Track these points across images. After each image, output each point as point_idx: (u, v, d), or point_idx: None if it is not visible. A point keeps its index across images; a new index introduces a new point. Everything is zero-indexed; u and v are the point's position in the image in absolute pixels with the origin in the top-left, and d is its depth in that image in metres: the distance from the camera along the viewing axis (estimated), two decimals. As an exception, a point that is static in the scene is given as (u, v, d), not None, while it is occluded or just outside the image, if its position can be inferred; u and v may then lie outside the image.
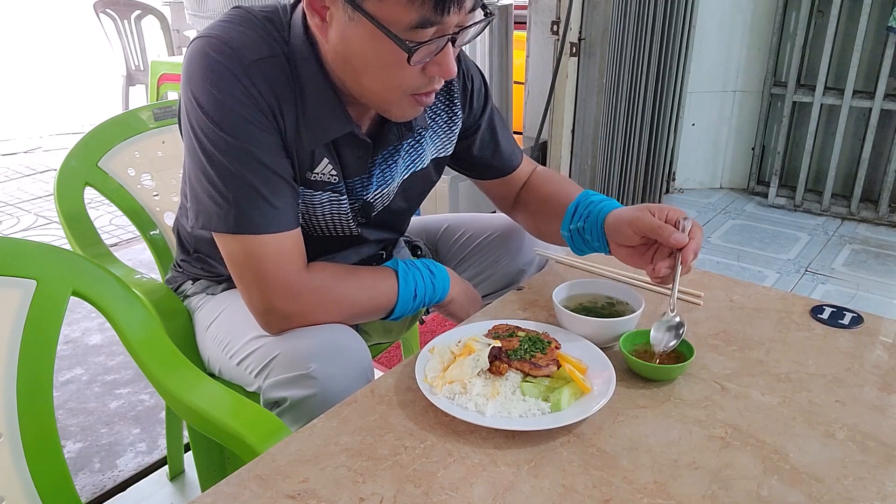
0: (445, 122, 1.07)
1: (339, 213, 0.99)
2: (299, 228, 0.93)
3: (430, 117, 1.05)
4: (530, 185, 1.18)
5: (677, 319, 0.87)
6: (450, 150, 1.11)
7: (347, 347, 0.91)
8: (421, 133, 1.03)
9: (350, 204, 1.00)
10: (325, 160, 0.94)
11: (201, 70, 0.85)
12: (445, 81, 1.04)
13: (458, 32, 0.82)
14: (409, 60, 0.80)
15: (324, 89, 0.89)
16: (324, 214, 0.98)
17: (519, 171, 1.18)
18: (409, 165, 1.05)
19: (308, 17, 0.85)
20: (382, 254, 1.16)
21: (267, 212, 0.87)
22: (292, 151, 0.91)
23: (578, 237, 1.02)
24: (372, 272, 0.99)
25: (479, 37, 0.95)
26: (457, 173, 1.23)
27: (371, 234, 1.07)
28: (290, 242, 0.90)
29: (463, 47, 0.89)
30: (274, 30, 0.89)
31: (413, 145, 1.03)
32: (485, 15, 0.85)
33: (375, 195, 1.02)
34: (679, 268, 0.88)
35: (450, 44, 0.82)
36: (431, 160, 1.08)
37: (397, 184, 1.04)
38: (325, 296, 0.93)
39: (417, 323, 1.37)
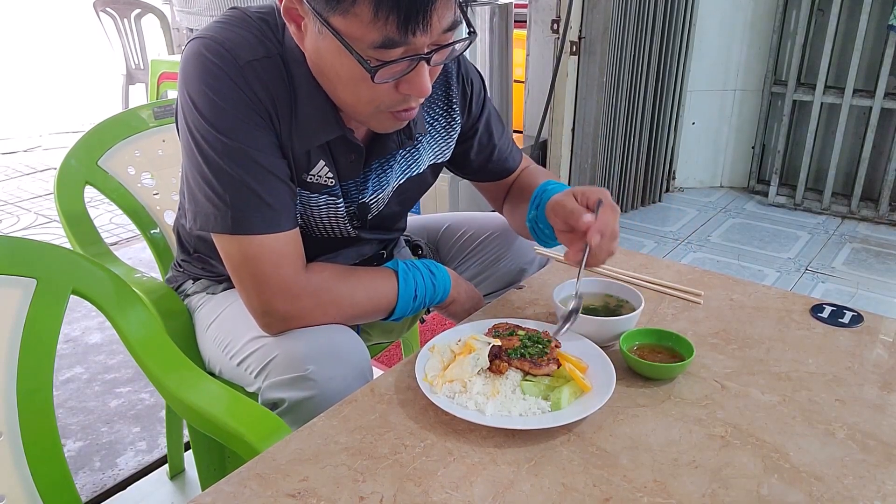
0: (444, 127, 1.06)
1: (335, 216, 0.99)
2: (297, 229, 0.92)
3: (428, 123, 1.04)
4: (516, 181, 1.17)
5: (572, 305, 0.88)
6: (447, 155, 1.10)
7: (346, 349, 0.91)
8: (418, 139, 1.03)
9: (346, 207, 0.99)
10: (322, 162, 0.93)
11: (197, 71, 0.85)
12: (444, 87, 1.03)
13: (434, 52, 0.79)
14: (372, 79, 0.78)
15: (316, 92, 0.88)
16: (321, 216, 0.98)
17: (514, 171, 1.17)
18: (405, 170, 1.04)
19: (287, 24, 0.84)
20: (383, 253, 1.15)
21: (264, 212, 0.87)
22: (288, 152, 0.90)
23: (536, 227, 1.01)
24: (372, 273, 0.99)
25: (478, 36, 0.92)
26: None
27: (369, 234, 1.07)
28: (288, 243, 0.90)
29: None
30: (269, 30, 0.88)
31: (410, 151, 1.03)
32: (469, 34, 0.82)
33: (371, 199, 1.01)
34: (586, 251, 0.85)
35: (423, 63, 0.79)
36: (428, 165, 1.07)
37: (392, 188, 1.04)
38: (324, 297, 0.92)
39: (418, 322, 1.37)
